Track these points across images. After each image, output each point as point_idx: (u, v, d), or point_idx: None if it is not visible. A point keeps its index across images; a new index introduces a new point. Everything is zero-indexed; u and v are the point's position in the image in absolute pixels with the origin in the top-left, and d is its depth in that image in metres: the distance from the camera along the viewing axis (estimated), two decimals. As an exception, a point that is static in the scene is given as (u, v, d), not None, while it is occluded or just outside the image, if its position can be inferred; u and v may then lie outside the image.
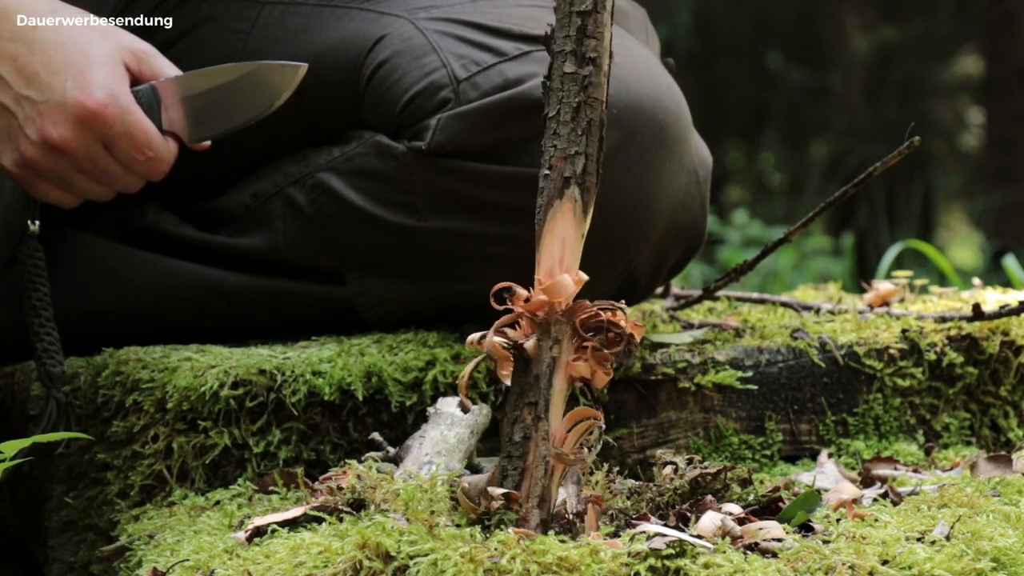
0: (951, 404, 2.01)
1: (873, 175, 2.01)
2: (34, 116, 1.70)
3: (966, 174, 11.45)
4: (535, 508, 1.39)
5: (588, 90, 1.39)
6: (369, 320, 1.92)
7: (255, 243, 1.94)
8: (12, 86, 1.69)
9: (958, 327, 2.03)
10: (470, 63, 1.83)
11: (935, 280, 3.74)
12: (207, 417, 1.74)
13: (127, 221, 2.02)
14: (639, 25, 2.07)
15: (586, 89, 1.39)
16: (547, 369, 1.39)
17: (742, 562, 1.35)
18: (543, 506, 1.40)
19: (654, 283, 1.97)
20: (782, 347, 1.95)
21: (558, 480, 1.41)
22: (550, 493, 1.40)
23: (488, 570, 1.31)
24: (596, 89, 1.39)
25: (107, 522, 1.75)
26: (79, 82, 1.69)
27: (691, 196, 1.93)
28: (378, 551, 1.33)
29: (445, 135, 1.80)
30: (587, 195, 1.41)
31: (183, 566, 1.47)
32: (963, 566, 1.38)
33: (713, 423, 1.90)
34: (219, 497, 1.70)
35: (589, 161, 1.41)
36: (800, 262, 6.09)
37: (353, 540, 1.34)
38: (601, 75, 1.39)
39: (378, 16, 1.92)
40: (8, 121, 1.71)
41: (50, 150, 1.71)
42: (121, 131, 1.70)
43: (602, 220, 1.81)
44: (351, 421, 1.79)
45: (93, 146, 1.71)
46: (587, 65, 1.39)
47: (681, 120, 1.88)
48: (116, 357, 1.81)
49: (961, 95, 10.99)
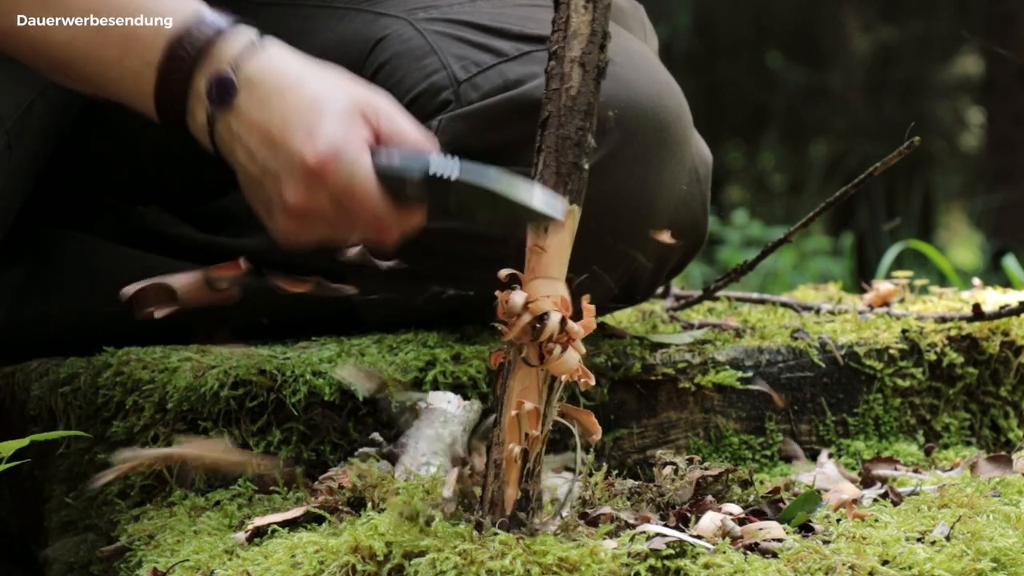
0: (951, 404, 2.01)
1: (873, 175, 2.01)
2: (276, 185, 1.59)
3: (966, 174, 11.45)
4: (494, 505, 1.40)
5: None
6: (369, 321, 1.92)
7: (255, 244, 1.94)
8: (257, 157, 1.59)
9: (958, 327, 2.03)
10: (470, 64, 1.83)
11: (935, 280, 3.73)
12: (207, 417, 1.74)
13: (127, 222, 2.02)
14: (638, 23, 2.06)
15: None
16: (505, 372, 1.42)
17: (742, 562, 1.35)
18: (496, 508, 1.40)
19: (655, 283, 1.97)
20: (782, 347, 1.95)
21: (515, 478, 1.40)
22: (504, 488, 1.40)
23: (489, 571, 1.31)
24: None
25: (107, 522, 1.75)
26: (306, 140, 1.56)
27: (692, 196, 1.93)
28: (370, 553, 1.33)
29: (446, 136, 1.80)
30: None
31: (183, 566, 1.47)
32: (963, 566, 1.38)
33: (713, 423, 1.90)
34: (219, 497, 1.70)
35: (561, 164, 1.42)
36: (800, 262, 6.09)
37: (346, 542, 1.34)
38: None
39: (377, 17, 1.91)
40: (262, 194, 1.61)
41: (297, 216, 1.60)
42: (341, 188, 1.56)
43: (603, 220, 1.81)
44: (351, 421, 1.79)
45: (326, 204, 1.58)
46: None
47: (682, 119, 1.88)
48: (116, 357, 1.81)
49: (961, 95, 10.98)
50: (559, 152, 1.42)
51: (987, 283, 2.57)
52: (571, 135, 1.42)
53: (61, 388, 1.81)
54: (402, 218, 1.59)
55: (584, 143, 1.42)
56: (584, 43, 1.43)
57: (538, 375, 1.40)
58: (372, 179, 1.56)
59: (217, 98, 1.58)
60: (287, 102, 1.57)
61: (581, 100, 1.42)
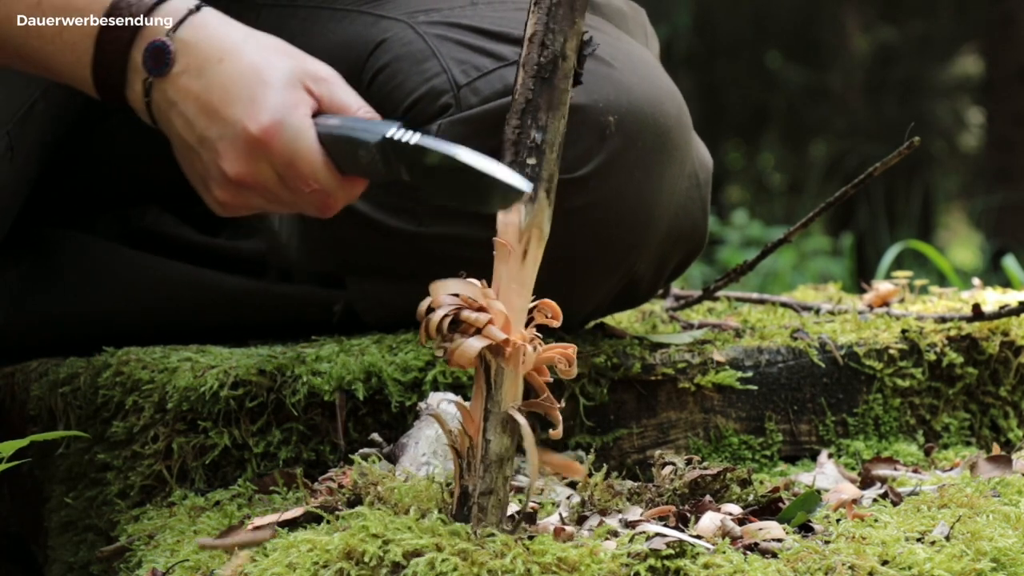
0: (951, 404, 2.01)
1: (873, 175, 2.01)
2: (214, 154, 1.58)
3: (966, 174, 11.45)
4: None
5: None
6: (369, 323, 1.92)
7: (255, 246, 1.94)
8: (195, 126, 1.58)
9: (958, 327, 2.03)
10: (470, 68, 1.83)
11: (935, 280, 3.74)
12: (207, 417, 1.74)
13: (127, 222, 2.02)
14: (638, 26, 2.06)
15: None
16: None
17: (742, 562, 1.35)
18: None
19: (655, 287, 1.97)
20: (782, 347, 1.95)
21: (457, 475, 1.41)
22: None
23: (490, 571, 1.31)
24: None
25: (107, 522, 1.75)
26: (248, 109, 1.55)
27: (692, 200, 1.93)
28: (363, 556, 1.33)
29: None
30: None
31: (183, 566, 1.47)
32: (963, 566, 1.38)
33: (713, 423, 1.90)
34: (219, 497, 1.70)
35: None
36: (800, 262, 6.09)
37: (338, 546, 1.34)
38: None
39: (377, 19, 1.91)
40: (198, 163, 1.61)
41: (235, 187, 1.59)
42: (285, 159, 1.55)
43: (603, 225, 1.82)
44: (351, 421, 1.79)
45: (267, 174, 1.58)
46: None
47: (682, 124, 1.87)
48: (116, 357, 1.81)
49: (961, 95, 10.99)
50: (505, 150, 1.43)
51: (987, 283, 2.58)
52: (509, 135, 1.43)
53: (61, 388, 1.81)
54: (347, 188, 1.59)
55: (521, 143, 1.42)
56: (529, 47, 1.44)
57: (479, 374, 1.41)
58: (317, 149, 1.55)
59: (153, 67, 1.57)
60: (225, 70, 1.56)
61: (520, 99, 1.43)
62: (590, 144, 1.77)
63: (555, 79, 1.42)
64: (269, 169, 1.57)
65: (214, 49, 1.57)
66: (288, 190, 1.58)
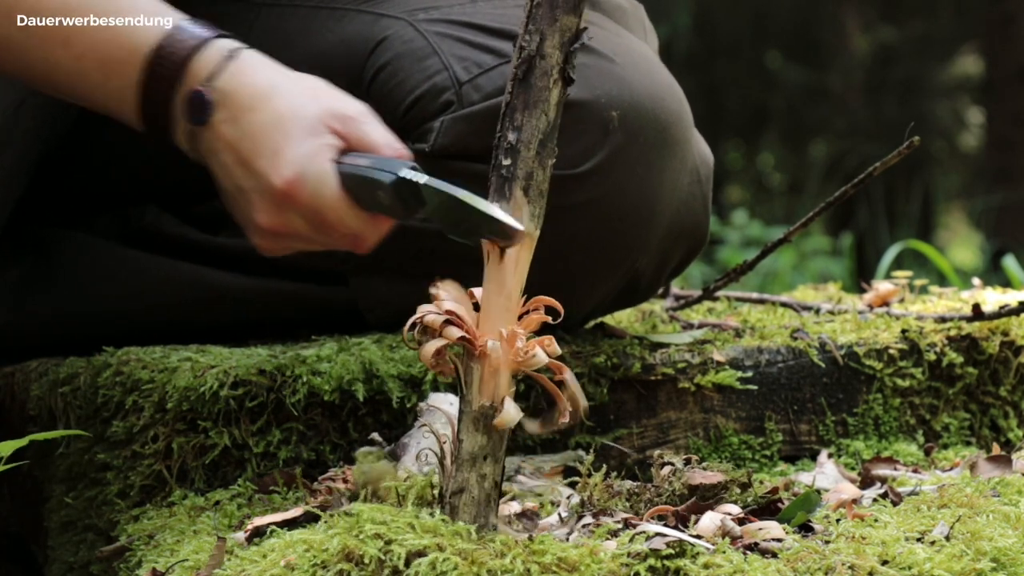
0: (951, 404, 2.01)
1: (873, 175, 2.01)
2: (249, 205, 1.61)
3: (966, 174, 11.45)
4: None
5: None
6: (371, 322, 1.92)
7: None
8: (233, 175, 1.61)
9: (958, 327, 2.03)
10: (472, 65, 1.83)
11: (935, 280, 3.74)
12: (207, 417, 1.74)
13: (127, 222, 2.02)
14: (637, 22, 2.06)
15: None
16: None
17: (742, 562, 1.35)
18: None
19: (656, 284, 1.97)
20: (782, 347, 1.95)
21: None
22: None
23: (490, 570, 1.31)
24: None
25: (107, 522, 1.75)
26: (273, 162, 1.58)
27: (693, 196, 1.93)
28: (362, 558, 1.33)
29: (448, 138, 1.80)
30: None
31: (182, 566, 1.47)
32: (963, 566, 1.38)
33: (713, 423, 1.90)
34: (219, 497, 1.70)
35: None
36: (800, 262, 6.10)
37: (336, 547, 1.34)
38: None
39: (377, 18, 1.91)
40: (238, 210, 1.64)
41: (271, 235, 1.63)
42: (311, 209, 1.58)
43: (605, 221, 1.82)
44: (351, 421, 1.79)
45: (298, 223, 1.61)
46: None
47: (683, 120, 1.88)
48: (116, 357, 1.81)
49: (961, 95, 10.99)
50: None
51: (987, 283, 2.57)
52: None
53: (61, 388, 1.81)
54: (374, 226, 1.61)
55: (499, 145, 1.44)
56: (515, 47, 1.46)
57: (458, 375, 1.43)
58: (340, 196, 1.57)
59: (193, 117, 1.60)
60: (256, 119, 1.59)
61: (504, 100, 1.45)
62: (593, 140, 1.78)
63: (531, 78, 1.43)
64: (299, 219, 1.60)
65: (246, 97, 1.59)
66: (321, 234, 1.61)
